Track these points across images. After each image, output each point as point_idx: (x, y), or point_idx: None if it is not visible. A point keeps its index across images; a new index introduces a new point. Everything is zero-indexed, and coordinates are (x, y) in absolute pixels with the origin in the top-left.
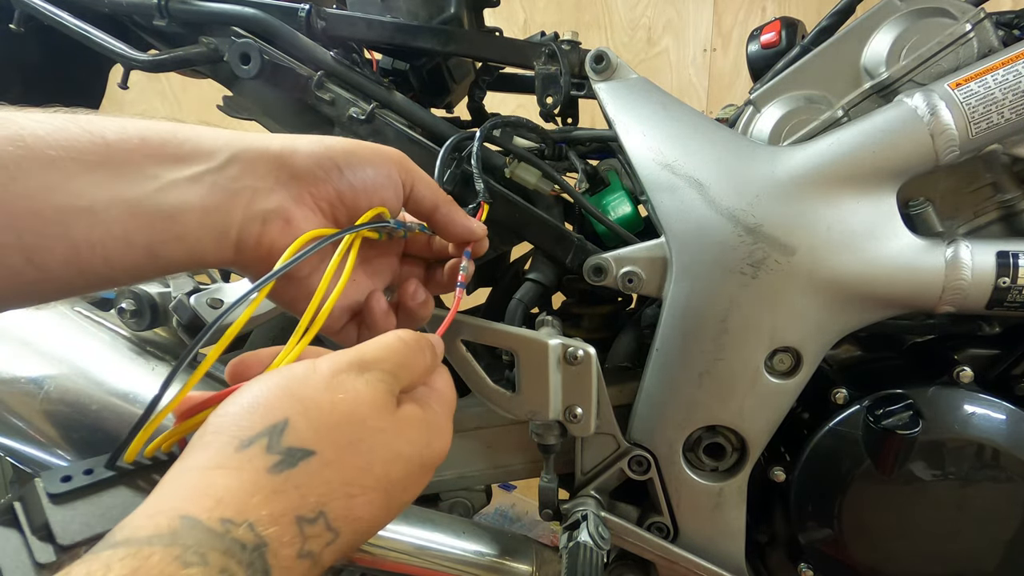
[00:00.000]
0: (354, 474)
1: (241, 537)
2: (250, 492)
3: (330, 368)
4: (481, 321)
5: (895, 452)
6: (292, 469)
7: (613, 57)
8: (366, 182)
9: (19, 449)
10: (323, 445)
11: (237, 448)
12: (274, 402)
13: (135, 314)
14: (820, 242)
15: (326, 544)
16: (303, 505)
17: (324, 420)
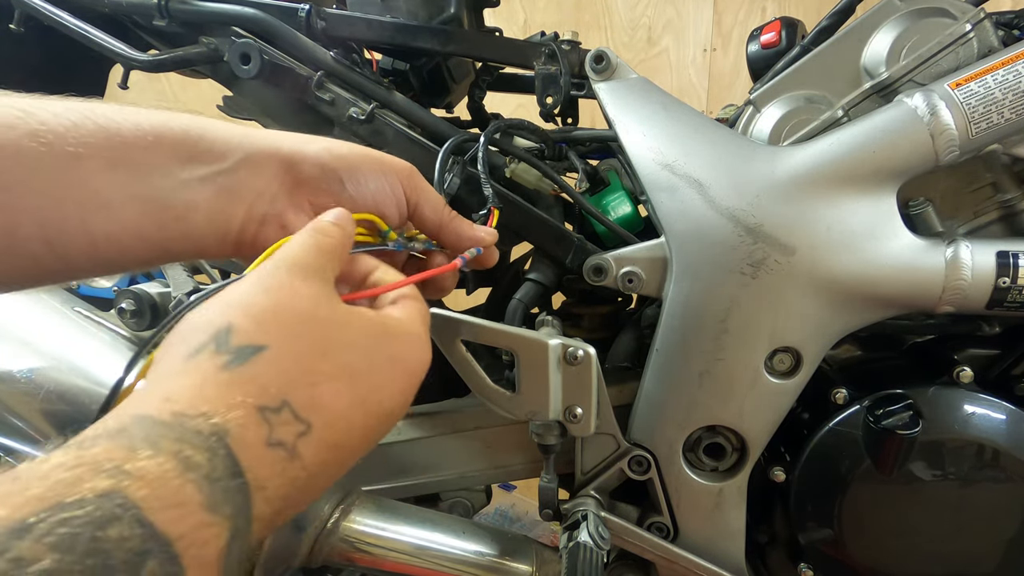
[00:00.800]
0: (311, 361)
1: (196, 426)
2: (201, 387)
3: (259, 273)
4: (481, 321)
5: (895, 452)
6: (244, 363)
7: (613, 57)
8: (366, 195)
9: (19, 449)
10: (273, 338)
11: (186, 358)
12: (214, 314)
13: (135, 314)
14: (820, 242)
15: (298, 435)
16: (263, 395)
17: (269, 316)
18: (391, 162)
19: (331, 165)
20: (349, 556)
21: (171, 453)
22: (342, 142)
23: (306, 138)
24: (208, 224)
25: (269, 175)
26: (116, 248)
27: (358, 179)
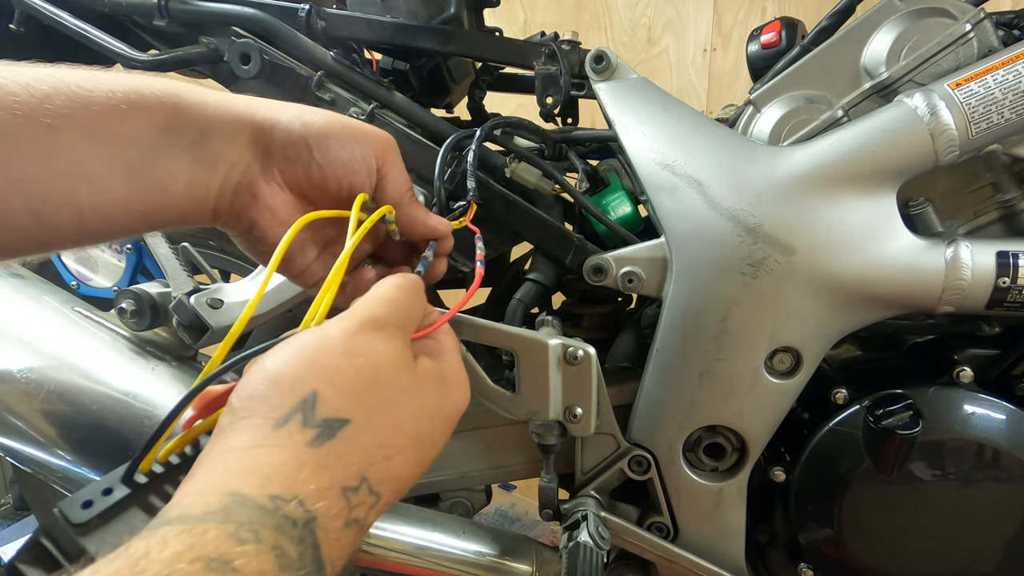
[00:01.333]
0: (387, 435)
1: (291, 513)
2: (295, 468)
3: (342, 331)
4: (481, 321)
5: (895, 452)
6: (332, 440)
7: (613, 57)
8: (336, 164)
9: (19, 449)
10: (355, 411)
11: (274, 427)
12: (297, 375)
13: (135, 314)
14: (820, 242)
15: (370, 508)
16: (347, 475)
17: (351, 386)
18: (366, 131)
19: (300, 133)
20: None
21: (270, 547)
22: (317, 109)
23: (281, 105)
24: (188, 194)
25: (242, 144)
26: (102, 219)
27: (328, 147)
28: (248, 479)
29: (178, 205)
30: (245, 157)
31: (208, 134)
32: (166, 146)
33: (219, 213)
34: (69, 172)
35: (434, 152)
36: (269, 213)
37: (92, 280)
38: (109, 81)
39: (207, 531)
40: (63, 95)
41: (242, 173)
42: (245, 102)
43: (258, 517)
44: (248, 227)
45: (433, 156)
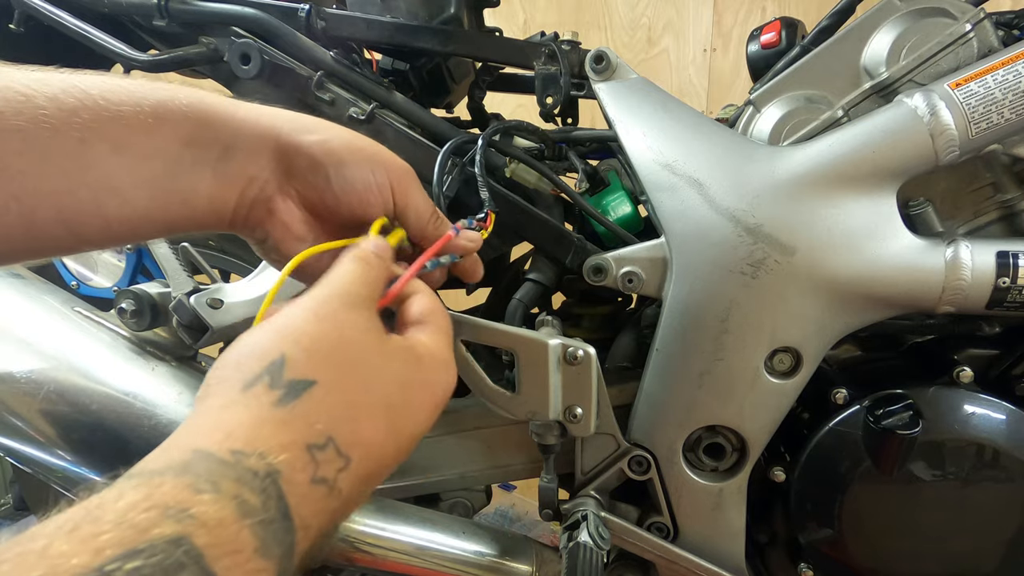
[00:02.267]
0: (354, 396)
1: (252, 466)
2: (258, 424)
3: (311, 300)
4: (481, 321)
5: (895, 452)
6: (296, 400)
7: (613, 57)
8: (352, 193)
9: (19, 449)
10: (321, 373)
11: (242, 389)
12: (268, 343)
13: (135, 314)
14: (820, 242)
15: (338, 470)
16: (311, 433)
17: (318, 349)
18: (384, 161)
19: (320, 159)
20: (349, 556)
21: (230, 496)
22: (341, 133)
23: (304, 125)
24: (208, 207)
25: (263, 161)
26: (127, 228)
27: (345, 175)
28: (211, 436)
29: (198, 216)
30: (264, 174)
31: (232, 150)
32: (190, 160)
33: (235, 223)
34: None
35: (434, 152)
36: (283, 227)
37: (92, 280)
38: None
39: (164, 483)
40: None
41: (260, 189)
42: (270, 118)
43: (218, 469)
44: (262, 237)
45: (433, 156)
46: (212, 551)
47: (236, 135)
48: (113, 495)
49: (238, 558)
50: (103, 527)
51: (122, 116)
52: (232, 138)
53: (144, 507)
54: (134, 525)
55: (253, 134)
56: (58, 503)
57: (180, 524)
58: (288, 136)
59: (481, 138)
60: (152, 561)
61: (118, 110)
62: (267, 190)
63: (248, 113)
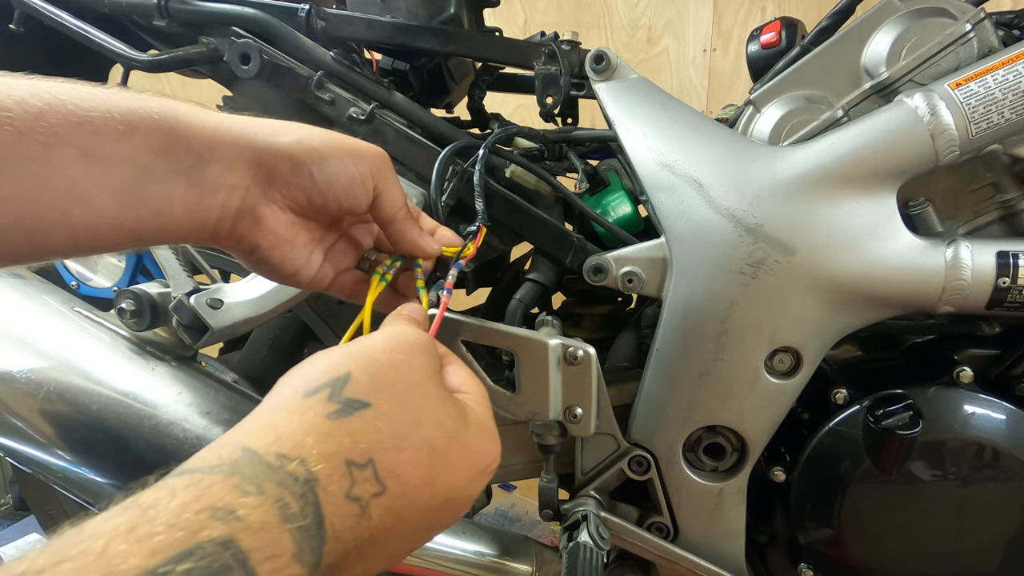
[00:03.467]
0: (403, 429)
1: (294, 471)
2: (306, 432)
3: (388, 334)
4: (481, 321)
5: (895, 452)
6: (348, 417)
7: (613, 57)
8: (336, 185)
9: (19, 449)
10: (379, 398)
11: (302, 396)
12: (339, 360)
13: (135, 314)
14: (820, 242)
15: (373, 495)
16: (353, 450)
17: (382, 376)
18: (363, 150)
19: (302, 159)
20: None
21: (273, 499)
22: (315, 130)
23: (280, 128)
24: (184, 218)
25: (242, 170)
26: (95, 238)
27: (328, 171)
28: (261, 437)
29: (174, 227)
30: (245, 182)
31: (206, 159)
32: (162, 169)
33: (219, 236)
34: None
35: (434, 153)
36: (272, 235)
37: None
38: (107, 100)
39: (213, 483)
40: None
41: (242, 198)
42: (245, 126)
43: (263, 472)
44: (250, 249)
45: (433, 157)
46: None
47: (211, 145)
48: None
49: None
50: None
51: (91, 121)
52: (207, 148)
53: (195, 508)
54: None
55: (227, 143)
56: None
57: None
58: (264, 141)
59: (482, 148)
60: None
61: (87, 115)
62: (250, 199)
63: (221, 122)
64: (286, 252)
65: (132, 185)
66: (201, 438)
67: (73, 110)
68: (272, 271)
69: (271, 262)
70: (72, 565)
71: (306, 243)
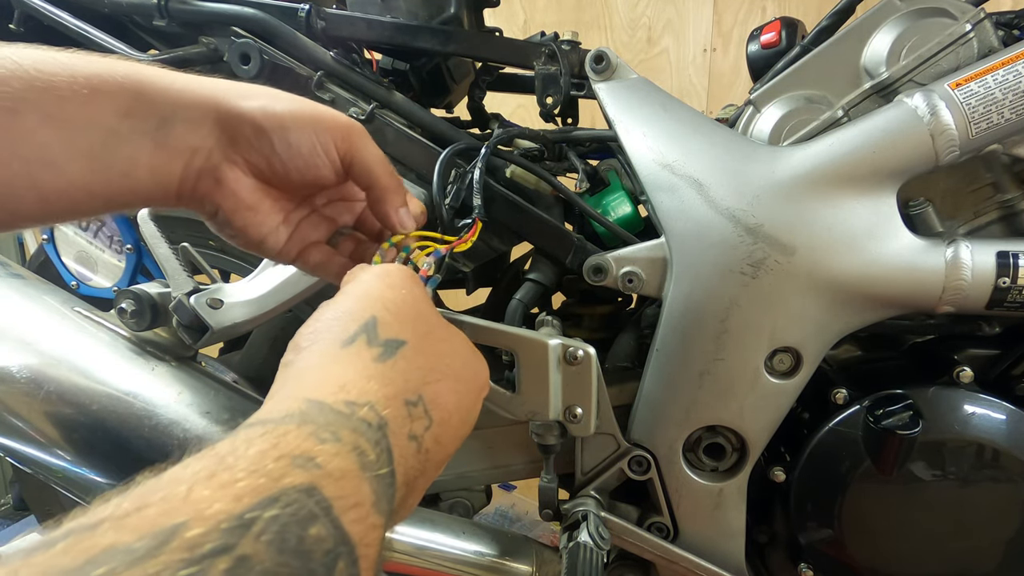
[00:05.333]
0: (435, 360)
1: (366, 416)
2: (366, 378)
3: (379, 272)
4: (481, 321)
5: (895, 452)
6: (393, 358)
7: (613, 57)
8: (297, 156)
9: (19, 449)
10: (409, 334)
11: (342, 345)
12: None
13: (135, 314)
14: (820, 242)
15: (425, 428)
16: (407, 389)
17: (404, 312)
18: (327, 120)
19: (264, 125)
20: None
21: (351, 446)
22: (284, 96)
23: (247, 91)
24: (151, 179)
25: (205, 131)
26: (66, 202)
27: (290, 140)
28: (323, 388)
29: (141, 189)
30: (208, 143)
31: (170, 120)
32: (128, 131)
33: (183, 197)
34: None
35: (434, 153)
36: (233, 197)
37: (92, 280)
38: (71, 64)
39: (288, 431)
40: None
41: (205, 159)
42: (210, 87)
43: (335, 419)
44: (213, 211)
45: (433, 157)
46: (339, 503)
47: (175, 105)
48: (242, 443)
49: (361, 511)
50: (238, 475)
51: (55, 87)
52: (171, 108)
53: (273, 456)
54: (267, 473)
55: (192, 104)
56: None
57: (308, 473)
58: (229, 103)
59: (484, 148)
60: (288, 511)
61: (51, 80)
62: (212, 159)
63: (187, 83)
64: (249, 217)
65: (99, 148)
66: (201, 438)
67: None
68: (236, 236)
69: (234, 226)
70: (157, 510)
71: (272, 211)
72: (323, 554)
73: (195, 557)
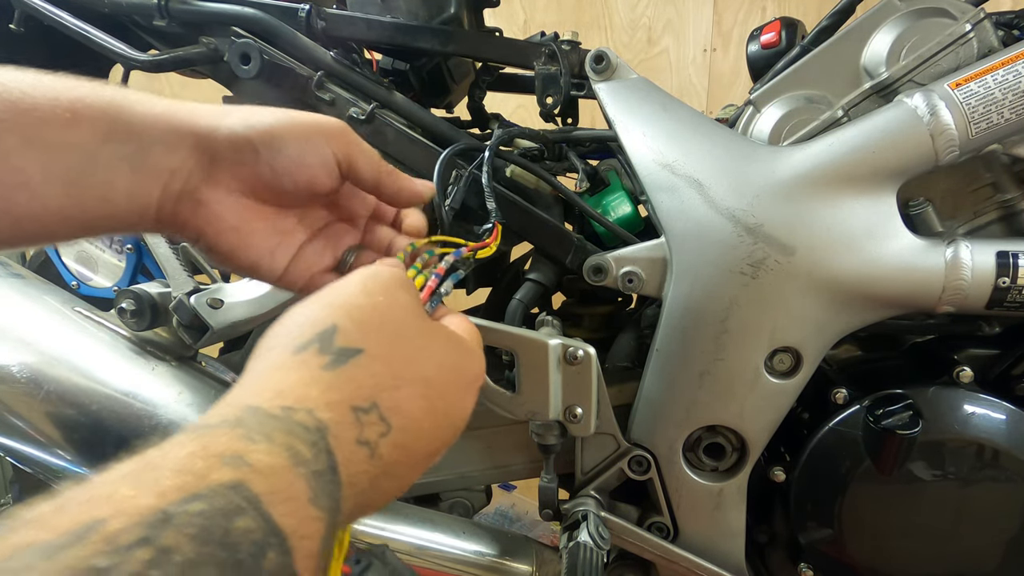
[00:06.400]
0: (399, 367)
1: (302, 420)
2: (307, 384)
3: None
4: (481, 321)
5: (895, 452)
6: (344, 365)
7: (613, 57)
8: (287, 163)
9: (19, 449)
10: (370, 342)
11: (292, 352)
12: (320, 312)
13: (135, 314)
14: (820, 242)
15: (380, 434)
16: (357, 396)
17: (368, 319)
18: (315, 124)
19: (244, 136)
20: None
21: (283, 446)
22: (268, 109)
23: (228, 110)
24: (128, 204)
25: (184, 153)
26: (39, 226)
27: (275, 147)
28: (262, 394)
29: (118, 214)
30: (187, 165)
31: (147, 143)
32: (106, 156)
33: (162, 221)
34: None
35: (435, 153)
36: (217, 220)
37: (92, 280)
38: (54, 88)
39: (220, 434)
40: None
41: (184, 181)
42: (188, 110)
43: (269, 423)
44: (195, 236)
45: (433, 157)
46: (269, 497)
47: (153, 129)
48: (172, 447)
49: (293, 505)
50: (164, 474)
51: (37, 109)
52: (148, 132)
53: (202, 456)
54: (193, 472)
55: (169, 127)
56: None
57: (237, 471)
58: (207, 122)
59: (488, 148)
60: (214, 505)
61: (33, 102)
62: (192, 181)
63: (167, 108)
64: (236, 240)
65: (76, 172)
66: None
67: (20, 97)
68: (225, 260)
69: (220, 250)
70: (78, 509)
71: (264, 233)
72: (250, 544)
73: (114, 549)
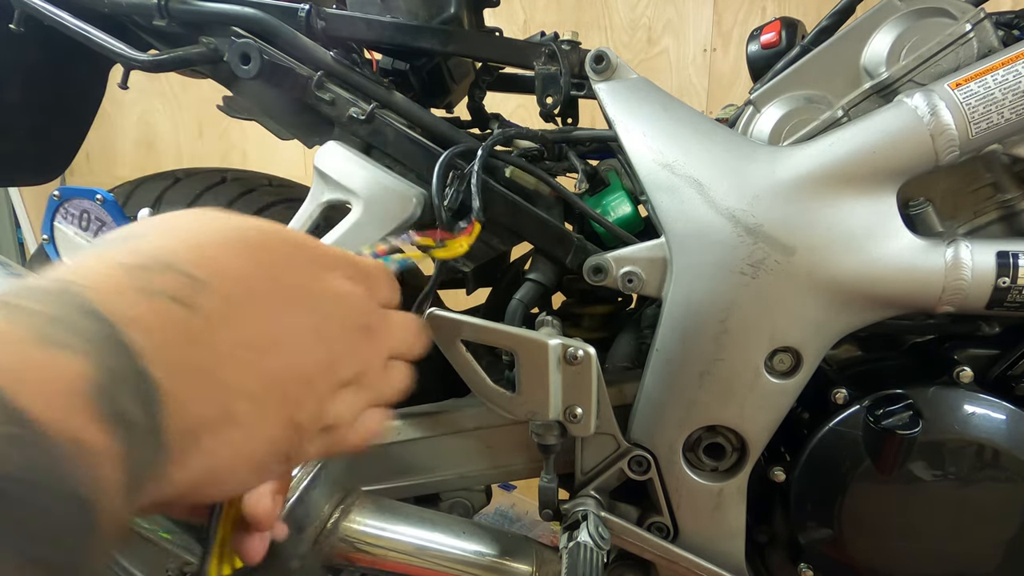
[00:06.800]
0: (192, 234)
1: (48, 287)
2: (83, 260)
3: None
4: (481, 321)
5: (895, 452)
6: (130, 241)
7: (613, 57)
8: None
9: None
10: (149, 229)
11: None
12: (154, 231)
13: None
14: (820, 242)
15: (184, 285)
16: (135, 256)
17: (157, 224)
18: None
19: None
20: (349, 556)
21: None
22: None
23: None
24: None
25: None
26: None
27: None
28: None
29: None
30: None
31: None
32: None
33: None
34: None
35: (435, 153)
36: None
37: None
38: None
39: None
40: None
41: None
42: None
43: (18, 289)
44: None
45: (433, 157)
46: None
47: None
48: None
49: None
50: None
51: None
52: None
53: None
54: None
55: None
56: None
57: None
58: None
59: (481, 148)
60: None
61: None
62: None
63: None
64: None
65: None
66: None
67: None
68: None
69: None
70: None
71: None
72: None
73: None
